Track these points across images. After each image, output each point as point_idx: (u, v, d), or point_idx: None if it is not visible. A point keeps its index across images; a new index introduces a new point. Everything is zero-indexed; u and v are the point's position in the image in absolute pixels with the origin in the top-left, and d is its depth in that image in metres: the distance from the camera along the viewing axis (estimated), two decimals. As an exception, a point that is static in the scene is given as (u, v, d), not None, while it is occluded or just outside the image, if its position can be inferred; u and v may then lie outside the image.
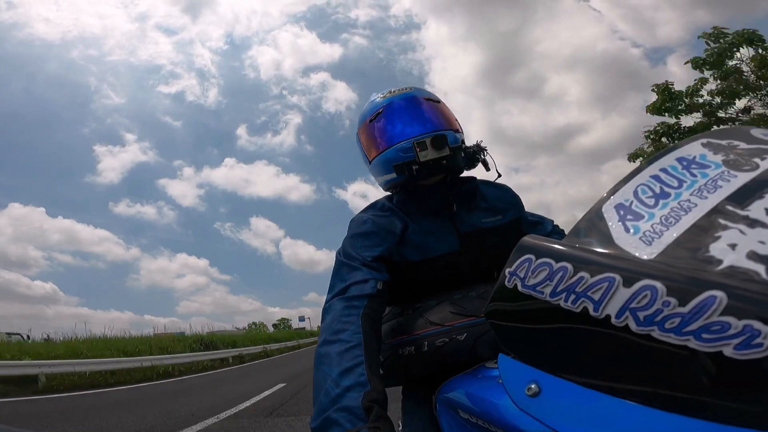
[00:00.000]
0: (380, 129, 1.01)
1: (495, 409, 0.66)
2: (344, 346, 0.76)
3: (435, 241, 0.98)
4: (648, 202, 0.43)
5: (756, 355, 0.30)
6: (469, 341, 0.87)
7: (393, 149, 0.97)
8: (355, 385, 0.69)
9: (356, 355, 0.75)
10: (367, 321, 0.82)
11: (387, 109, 1.01)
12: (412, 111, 1.00)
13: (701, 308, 0.33)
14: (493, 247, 1.00)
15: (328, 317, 0.84)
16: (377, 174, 1.06)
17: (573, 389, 0.44)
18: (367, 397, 0.68)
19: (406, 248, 0.97)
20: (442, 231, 0.99)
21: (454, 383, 0.86)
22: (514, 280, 0.48)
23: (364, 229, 0.97)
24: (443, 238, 0.99)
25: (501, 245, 0.95)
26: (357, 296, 0.85)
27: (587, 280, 0.40)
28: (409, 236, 0.97)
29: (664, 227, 0.40)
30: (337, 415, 0.66)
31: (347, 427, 0.64)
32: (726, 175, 0.41)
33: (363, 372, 0.72)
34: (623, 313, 0.37)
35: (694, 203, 0.40)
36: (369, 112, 1.05)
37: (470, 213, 1.03)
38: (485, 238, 1.01)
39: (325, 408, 0.69)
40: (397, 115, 1.00)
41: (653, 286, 0.36)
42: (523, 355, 0.51)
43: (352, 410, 0.66)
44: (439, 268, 0.98)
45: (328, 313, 0.85)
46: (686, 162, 0.45)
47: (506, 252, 0.51)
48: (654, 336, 0.35)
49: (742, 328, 0.31)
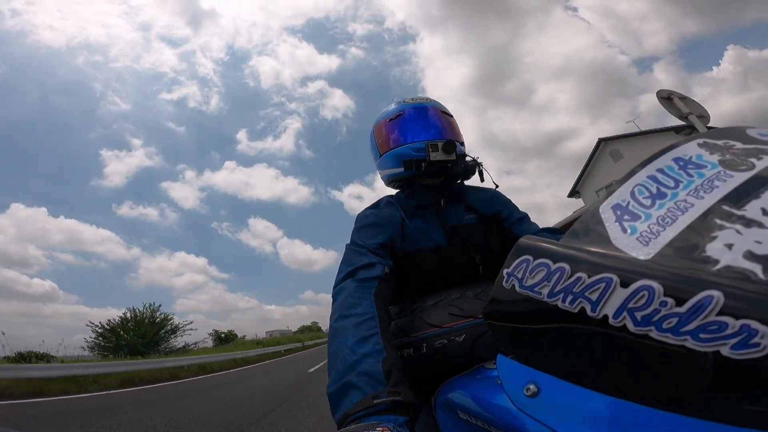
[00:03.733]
0: (399, 128, 1.13)
1: (494, 409, 0.66)
2: (359, 318, 0.79)
3: (425, 236, 1.08)
4: (645, 202, 0.43)
5: (753, 354, 0.30)
6: (467, 342, 0.87)
7: (407, 146, 1.09)
8: (373, 353, 0.72)
9: (372, 326, 0.78)
10: (379, 299, 0.85)
11: (408, 112, 1.14)
12: (430, 118, 1.13)
13: (698, 308, 0.33)
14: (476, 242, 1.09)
15: (340, 297, 0.87)
16: (385, 167, 1.16)
17: (571, 389, 0.44)
18: (386, 362, 0.69)
19: (404, 240, 1.06)
20: (431, 227, 1.10)
21: (453, 384, 0.86)
22: (512, 280, 0.48)
23: (368, 221, 1.07)
24: (432, 233, 1.09)
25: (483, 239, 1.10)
26: (367, 278, 0.90)
27: (584, 281, 0.40)
28: (405, 229, 1.07)
29: (660, 227, 0.40)
30: (357, 379, 0.67)
31: (368, 391, 0.65)
32: (722, 175, 0.41)
33: (379, 341, 0.74)
34: (621, 314, 0.37)
35: (691, 203, 0.40)
36: (391, 112, 1.17)
37: (456, 210, 1.13)
38: (468, 233, 1.10)
39: (343, 374, 0.69)
40: (417, 119, 1.13)
41: (650, 286, 0.36)
42: (522, 355, 0.51)
43: (371, 374, 0.67)
44: (429, 261, 1.06)
45: (340, 294, 0.88)
46: (683, 162, 0.45)
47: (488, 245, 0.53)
48: (651, 336, 0.35)
49: (739, 328, 0.31)
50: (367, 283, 0.89)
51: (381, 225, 1.05)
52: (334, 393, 0.69)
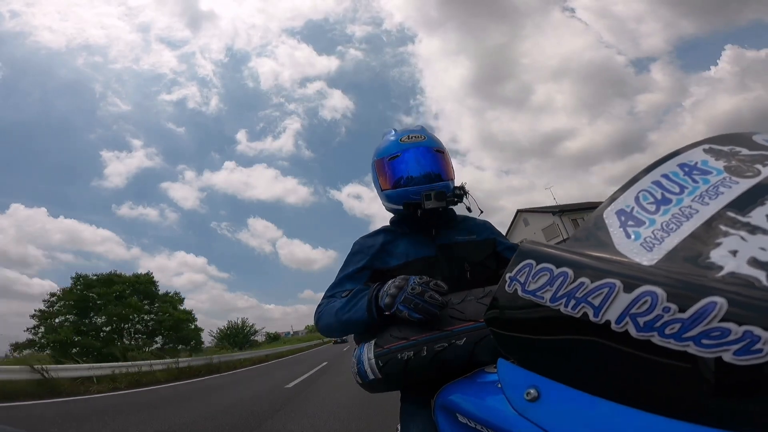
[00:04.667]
0: (397, 169, 1.24)
1: (494, 413, 0.65)
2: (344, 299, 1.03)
3: (416, 250, 1.22)
4: (649, 208, 0.43)
5: (756, 360, 0.30)
6: (468, 346, 0.87)
7: (405, 190, 1.21)
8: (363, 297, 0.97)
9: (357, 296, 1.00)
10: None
11: (405, 154, 1.24)
12: (425, 162, 1.23)
13: (701, 314, 0.32)
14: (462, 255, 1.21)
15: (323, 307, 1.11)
16: (387, 201, 1.29)
17: (572, 394, 0.44)
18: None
19: (390, 257, 1.21)
20: (423, 242, 1.23)
21: (453, 388, 0.86)
22: (514, 285, 0.47)
23: (353, 250, 1.27)
24: (423, 247, 1.22)
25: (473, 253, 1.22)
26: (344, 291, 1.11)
27: (587, 286, 0.40)
28: (390, 248, 1.23)
29: (665, 233, 0.40)
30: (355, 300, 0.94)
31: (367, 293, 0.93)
32: (728, 181, 0.41)
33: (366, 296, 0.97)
34: (623, 319, 0.37)
35: (696, 209, 0.40)
36: (388, 151, 1.27)
37: (447, 232, 1.26)
38: (457, 249, 1.23)
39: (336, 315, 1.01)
40: (412, 162, 1.23)
41: (653, 291, 0.36)
42: (523, 359, 0.50)
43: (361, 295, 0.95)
44: (417, 268, 1.16)
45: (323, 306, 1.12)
46: (688, 168, 0.45)
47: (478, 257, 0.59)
48: (654, 342, 0.35)
49: (742, 334, 0.30)
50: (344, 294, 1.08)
51: (362, 252, 1.23)
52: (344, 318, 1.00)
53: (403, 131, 1.33)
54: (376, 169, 1.33)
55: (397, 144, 1.27)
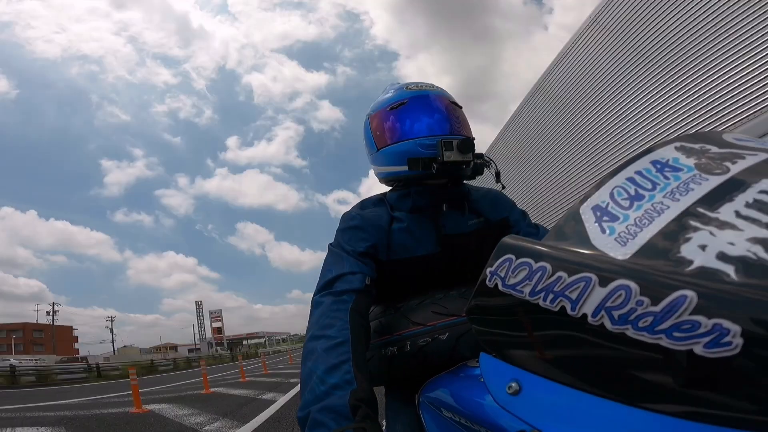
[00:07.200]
0: (401, 119, 0.97)
1: (477, 407, 0.66)
2: (331, 342, 0.75)
3: (416, 243, 0.98)
4: (623, 203, 0.44)
5: (725, 353, 0.31)
6: (451, 340, 0.88)
7: (412, 142, 0.94)
8: (342, 383, 0.68)
9: (343, 352, 0.73)
10: (355, 316, 0.81)
11: (413, 101, 0.97)
12: (440, 109, 0.97)
13: (672, 307, 0.33)
14: (471, 251, 1.02)
15: (316, 312, 0.83)
16: (383, 163, 1.02)
17: (553, 387, 0.45)
18: (354, 395, 0.66)
19: (390, 247, 0.97)
20: (424, 232, 0.99)
21: (437, 382, 0.87)
22: (494, 279, 0.48)
23: (353, 223, 0.96)
24: (424, 240, 0.99)
25: (480, 249, 1.00)
26: (345, 291, 0.85)
27: (565, 280, 0.41)
28: (393, 233, 0.97)
29: (638, 228, 0.41)
30: (322, 416, 0.64)
31: (332, 426, 0.62)
32: (698, 178, 0.42)
33: (350, 369, 0.70)
34: (599, 312, 0.38)
35: (667, 205, 0.41)
36: (390, 100, 1.00)
37: (458, 215, 1.02)
38: (465, 242, 1.02)
39: (310, 404, 0.67)
40: (424, 109, 0.96)
41: (627, 285, 0.36)
42: (504, 353, 0.51)
43: (337, 410, 0.64)
44: (417, 268, 1.00)
45: (316, 308, 0.84)
46: (660, 165, 0.46)
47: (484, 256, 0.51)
48: (628, 335, 0.36)
49: (711, 327, 0.31)
50: (344, 297, 0.84)
51: (365, 230, 0.95)
52: (301, 420, 0.68)
53: (409, 83, 1.05)
54: (370, 125, 1.04)
55: (402, 91, 1.01)
